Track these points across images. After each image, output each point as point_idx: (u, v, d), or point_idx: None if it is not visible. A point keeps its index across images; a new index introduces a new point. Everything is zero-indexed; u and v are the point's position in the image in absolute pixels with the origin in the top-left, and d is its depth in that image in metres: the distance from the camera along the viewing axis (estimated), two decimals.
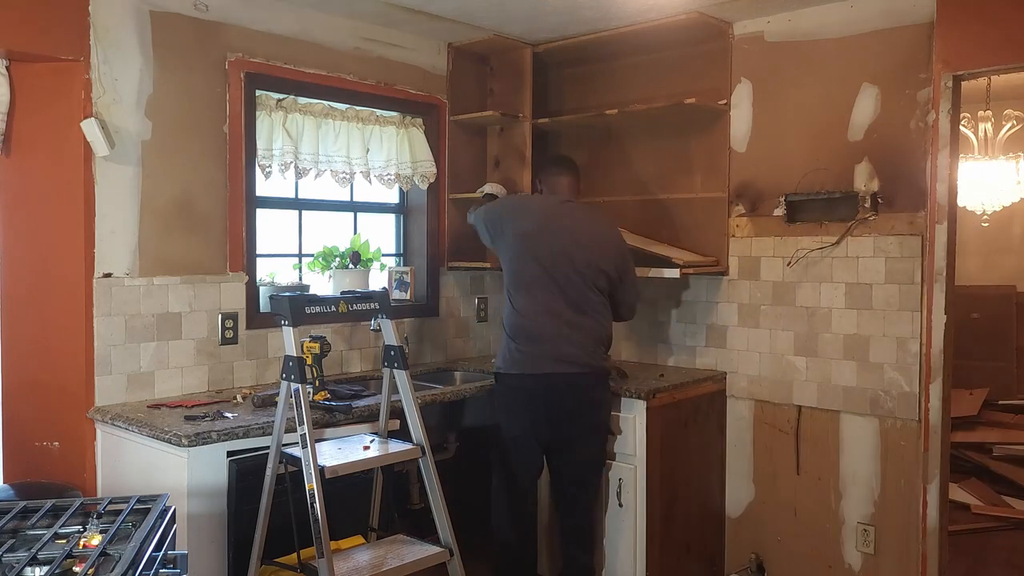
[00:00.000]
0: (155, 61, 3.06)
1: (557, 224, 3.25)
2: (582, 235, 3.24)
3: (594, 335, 3.21)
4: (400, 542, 2.80)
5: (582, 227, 3.27)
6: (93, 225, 2.93)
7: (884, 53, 3.30)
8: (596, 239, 3.27)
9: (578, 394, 3.19)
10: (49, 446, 3.01)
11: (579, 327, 3.18)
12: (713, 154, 3.78)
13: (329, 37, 3.60)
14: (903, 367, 3.28)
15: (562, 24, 3.75)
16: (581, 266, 3.19)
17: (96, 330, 2.94)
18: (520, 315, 3.21)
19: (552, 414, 3.18)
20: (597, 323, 3.22)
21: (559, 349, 3.15)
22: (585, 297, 3.20)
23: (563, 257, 3.19)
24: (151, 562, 1.65)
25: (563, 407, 3.18)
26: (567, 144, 4.29)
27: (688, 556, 3.59)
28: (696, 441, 3.64)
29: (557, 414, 3.18)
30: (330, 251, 3.77)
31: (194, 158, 3.19)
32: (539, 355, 3.16)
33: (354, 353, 3.75)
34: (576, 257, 3.19)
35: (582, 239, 3.23)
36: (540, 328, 3.18)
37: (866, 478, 3.39)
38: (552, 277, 3.18)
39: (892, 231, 3.30)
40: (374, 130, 3.83)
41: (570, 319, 3.17)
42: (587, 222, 3.31)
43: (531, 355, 3.17)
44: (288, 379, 2.55)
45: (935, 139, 3.13)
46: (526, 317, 3.20)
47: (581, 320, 3.19)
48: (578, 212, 3.32)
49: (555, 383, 3.16)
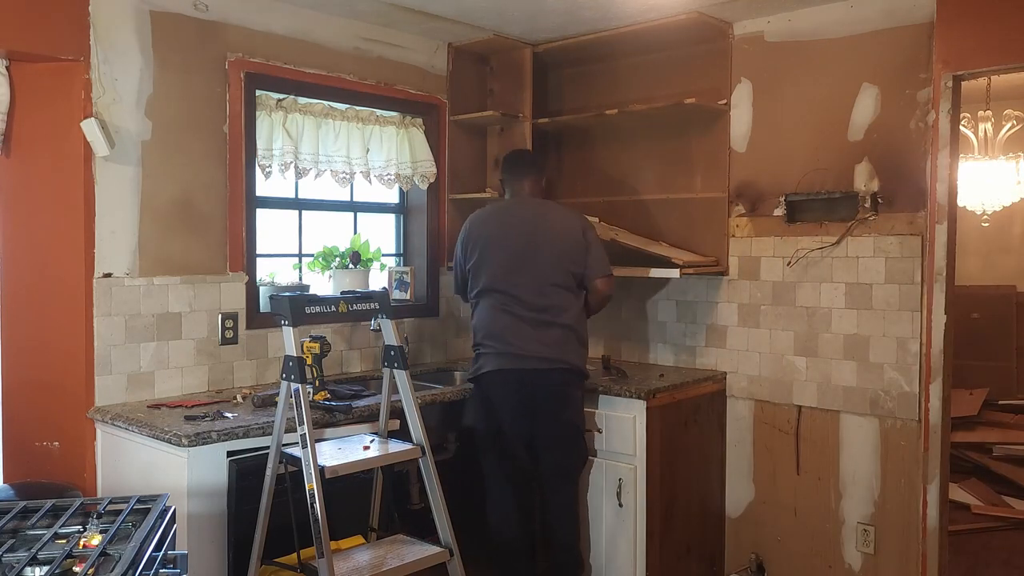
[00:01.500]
0: (155, 61, 3.07)
1: (513, 223, 3.31)
2: (539, 228, 3.27)
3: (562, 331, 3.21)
4: (400, 542, 2.80)
5: (538, 221, 3.29)
6: (93, 225, 2.93)
7: (884, 53, 3.30)
8: (554, 229, 3.27)
9: (547, 390, 3.21)
10: (49, 446, 3.01)
11: (545, 324, 3.19)
12: (713, 154, 3.78)
13: (329, 37, 3.60)
14: (903, 367, 3.28)
15: (562, 24, 3.75)
16: (543, 261, 3.21)
17: (96, 330, 2.94)
18: (485, 318, 3.26)
19: (524, 408, 3.22)
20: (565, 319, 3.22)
21: (526, 346, 3.18)
22: (551, 293, 3.21)
23: (523, 255, 3.23)
24: (151, 562, 1.65)
25: (534, 402, 3.21)
26: (567, 144, 4.29)
27: (688, 556, 3.59)
28: (696, 441, 3.63)
29: (529, 408, 3.22)
30: (330, 251, 3.77)
31: (194, 158, 3.19)
32: (506, 353, 3.19)
33: (354, 353, 3.75)
34: (538, 252, 3.22)
35: (539, 233, 3.25)
36: (504, 327, 3.21)
37: (866, 478, 3.39)
38: (512, 278, 3.22)
39: (892, 231, 3.30)
40: (374, 130, 3.83)
41: (534, 317, 3.20)
42: (543, 215, 3.32)
43: (498, 353, 3.21)
44: (288, 379, 2.55)
45: (935, 139, 3.13)
46: (491, 318, 3.24)
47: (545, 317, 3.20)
48: (532, 207, 3.36)
49: (525, 378, 3.19)
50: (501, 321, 3.22)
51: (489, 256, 3.28)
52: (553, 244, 3.25)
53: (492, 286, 3.26)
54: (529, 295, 3.21)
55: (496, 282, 3.25)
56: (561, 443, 3.29)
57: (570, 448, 3.31)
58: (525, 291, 3.21)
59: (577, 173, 4.27)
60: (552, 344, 3.19)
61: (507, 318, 3.21)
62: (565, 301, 3.24)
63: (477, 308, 3.33)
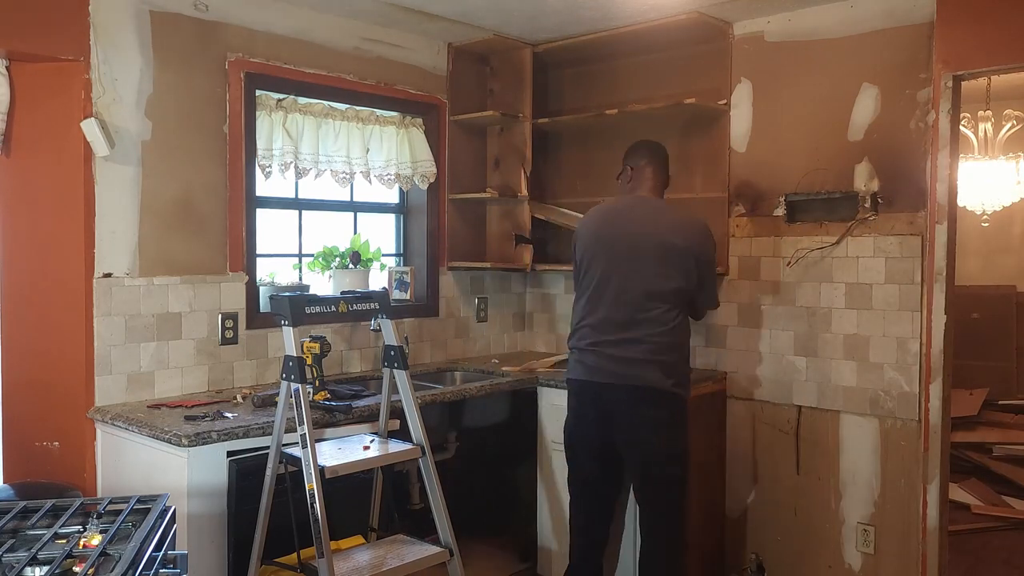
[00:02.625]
0: (155, 61, 3.06)
1: (621, 222, 3.07)
2: (644, 229, 3.00)
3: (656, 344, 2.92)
4: (400, 542, 2.80)
5: (646, 221, 3.03)
6: (93, 225, 2.93)
7: (884, 53, 3.30)
8: (664, 231, 2.99)
9: (629, 409, 2.95)
10: (49, 446, 3.01)
11: (636, 336, 2.93)
12: (713, 154, 3.78)
13: (329, 37, 3.60)
14: (903, 367, 3.28)
15: (562, 24, 3.75)
16: (645, 263, 2.95)
17: (96, 330, 2.94)
18: (579, 323, 3.07)
19: (603, 427, 3.01)
20: (660, 331, 2.93)
21: (612, 359, 2.95)
22: (647, 303, 2.93)
23: (624, 256, 2.98)
24: (151, 562, 1.65)
25: (613, 421, 2.98)
26: (567, 144, 4.29)
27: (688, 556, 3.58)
28: (696, 441, 3.63)
29: (608, 428, 3.00)
30: (330, 251, 3.77)
31: (194, 158, 3.19)
32: (593, 365, 3.00)
33: (354, 353, 3.75)
34: (639, 254, 2.96)
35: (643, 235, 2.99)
36: (596, 336, 2.99)
37: (866, 478, 3.39)
38: (610, 280, 2.99)
39: (892, 231, 3.30)
40: (374, 130, 3.83)
41: (627, 325, 2.94)
42: (654, 215, 3.05)
43: (585, 364, 3.03)
44: (288, 379, 2.55)
45: (935, 139, 3.13)
46: (584, 325, 3.04)
47: (638, 329, 2.93)
48: (644, 207, 3.10)
49: (606, 394, 2.98)
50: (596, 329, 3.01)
51: (590, 257, 3.05)
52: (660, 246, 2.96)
53: (592, 287, 3.03)
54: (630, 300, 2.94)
55: (596, 284, 3.01)
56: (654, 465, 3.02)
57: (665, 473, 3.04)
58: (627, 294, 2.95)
59: (577, 173, 4.27)
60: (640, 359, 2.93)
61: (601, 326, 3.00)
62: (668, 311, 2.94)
63: (574, 311, 3.10)
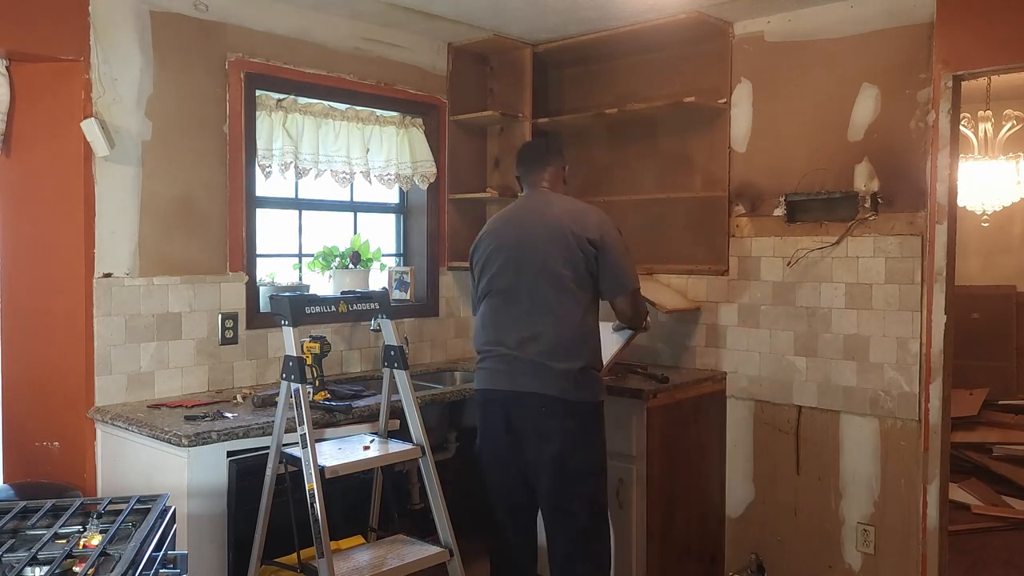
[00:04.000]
0: (155, 61, 3.06)
1: (515, 222, 2.94)
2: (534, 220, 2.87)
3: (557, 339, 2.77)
4: (400, 542, 2.80)
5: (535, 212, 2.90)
6: (93, 225, 2.93)
7: (884, 53, 3.30)
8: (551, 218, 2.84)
9: (533, 421, 2.81)
10: (49, 446, 3.01)
11: (535, 333, 2.79)
12: (713, 154, 3.78)
13: (329, 37, 3.60)
14: (903, 367, 3.28)
15: (562, 24, 3.75)
16: (547, 258, 2.79)
17: (96, 330, 2.94)
18: (480, 327, 2.95)
19: (512, 435, 2.86)
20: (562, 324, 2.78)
21: (514, 361, 2.81)
22: (553, 298, 2.79)
23: (524, 254, 2.83)
24: (151, 562, 1.65)
25: (523, 429, 2.84)
26: (567, 144, 4.28)
27: (688, 556, 3.58)
28: (696, 441, 3.63)
29: (517, 436, 2.86)
30: (330, 251, 3.77)
31: (194, 158, 3.19)
32: (494, 369, 2.87)
33: (354, 353, 3.75)
34: (537, 249, 2.81)
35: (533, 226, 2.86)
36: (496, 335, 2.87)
37: (866, 478, 3.39)
38: (506, 273, 2.86)
39: (892, 231, 3.30)
40: (374, 130, 3.83)
41: (525, 321, 2.81)
42: (542, 207, 2.91)
43: (487, 370, 2.90)
44: (288, 379, 2.55)
45: (935, 139, 3.13)
46: (485, 325, 2.92)
47: (537, 324, 2.79)
48: (534, 200, 2.97)
49: (510, 404, 2.84)
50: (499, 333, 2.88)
51: (490, 261, 2.93)
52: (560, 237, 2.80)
53: (492, 290, 2.91)
54: (534, 298, 2.81)
55: (498, 287, 2.89)
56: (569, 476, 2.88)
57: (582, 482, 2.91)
58: (529, 294, 2.82)
59: (577, 173, 4.26)
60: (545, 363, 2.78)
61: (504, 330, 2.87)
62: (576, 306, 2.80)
63: (478, 318, 2.98)
